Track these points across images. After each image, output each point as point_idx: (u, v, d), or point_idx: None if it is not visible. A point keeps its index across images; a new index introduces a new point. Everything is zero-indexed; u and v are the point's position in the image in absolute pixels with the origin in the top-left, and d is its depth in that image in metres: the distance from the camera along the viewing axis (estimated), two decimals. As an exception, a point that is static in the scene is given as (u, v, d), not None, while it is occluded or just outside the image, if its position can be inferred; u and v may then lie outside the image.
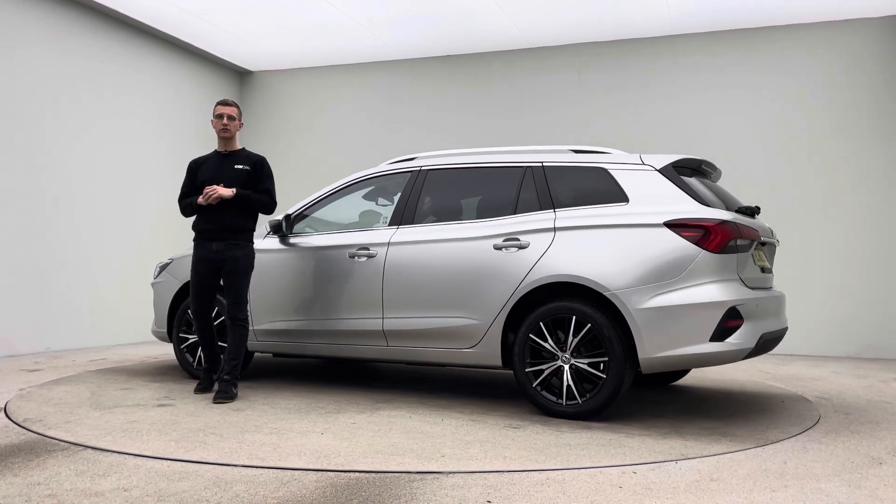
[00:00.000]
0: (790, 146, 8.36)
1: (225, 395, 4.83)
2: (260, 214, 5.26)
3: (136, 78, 8.72)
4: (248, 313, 5.23)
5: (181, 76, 9.50)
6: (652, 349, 4.17)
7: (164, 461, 3.36)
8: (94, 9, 8.10)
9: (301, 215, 5.70)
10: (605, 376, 4.26)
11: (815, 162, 8.27)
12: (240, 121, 5.20)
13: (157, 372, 6.12)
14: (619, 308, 4.24)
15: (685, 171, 4.68)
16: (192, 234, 5.19)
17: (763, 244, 4.70)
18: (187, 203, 5.15)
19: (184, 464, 3.31)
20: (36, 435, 3.86)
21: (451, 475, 3.17)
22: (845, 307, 8.07)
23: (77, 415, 4.35)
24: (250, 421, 4.25)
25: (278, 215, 5.70)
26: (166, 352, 7.64)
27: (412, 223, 5.14)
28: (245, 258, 5.08)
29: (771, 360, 7.45)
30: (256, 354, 6.33)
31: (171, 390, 5.23)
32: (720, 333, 4.10)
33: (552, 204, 4.71)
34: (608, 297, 4.26)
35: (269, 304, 5.57)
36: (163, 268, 6.24)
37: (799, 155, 8.33)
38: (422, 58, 9.75)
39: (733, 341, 4.12)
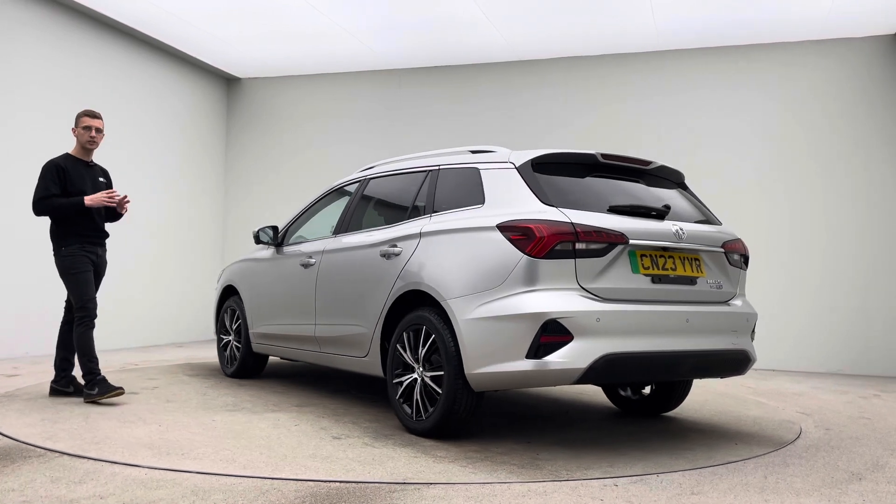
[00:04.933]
0: (774, 164, 8.43)
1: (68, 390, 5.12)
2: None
3: (118, 82, 8.64)
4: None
5: (166, 81, 9.45)
6: (475, 364, 3.79)
7: (141, 469, 3.31)
8: (75, 9, 8.00)
9: (289, 227, 5.98)
10: (441, 392, 3.95)
11: (796, 179, 8.35)
12: (103, 132, 5.24)
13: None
14: (450, 318, 3.94)
15: (566, 169, 4.21)
16: (54, 236, 5.13)
17: (665, 249, 4.02)
18: (65, 204, 4.97)
19: (162, 472, 3.28)
20: (11, 440, 3.80)
21: (432, 486, 3.16)
22: (827, 324, 8.13)
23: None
24: (131, 411, 4.68)
25: (255, 228, 6.17)
26: (145, 358, 7.57)
27: (347, 231, 5.21)
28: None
29: (753, 376, 7.48)
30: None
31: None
32: (536, 350, 3.62)
33: (433, 208, 4.49)
34: (444, 306, 3.99)
35: (258, 310, 6.02)
36: (220, 275, 6.91)
37: (782, 173, 8.40)
38: (410, 68, 9.78)
39: (554, 360, 3.59)
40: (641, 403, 5.10)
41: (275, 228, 5.96)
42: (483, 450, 3.84)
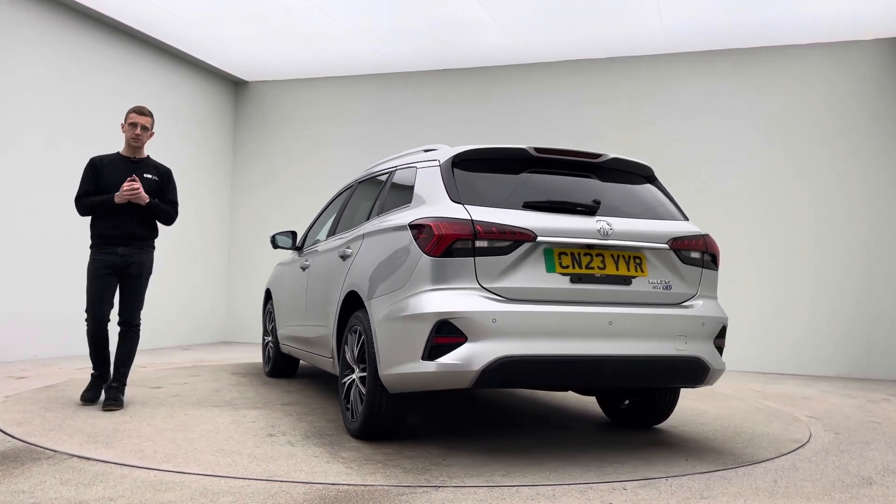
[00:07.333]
0: (781, 165, 8.41)
1: (114, 403, 4.77)
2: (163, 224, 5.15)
3: (125, 85, 8.66)
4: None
5: (175, 84, 9.48)
6: (386, 365, 3.73)
7: (151, 471, 3.32)
8: (79, 10, 8.01)
9: (308, 232, 6.18)
10: (365, 393, 3.91)
11: (801, 180, 8.33)
12: (151, 130, 5.07)
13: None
14: (370, 318, 3.90)
15: (496, 165, 4.04)
16: (86, 237, 5.02)
17: (590, 247, 3.74)
18: (96, 202, 4.87)
19: (171, 474, 3.28)
20: (21, 443, 3.81)
21: (441, 489, 3.15)
22: (834, 327, 8.10)
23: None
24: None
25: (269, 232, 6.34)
26: (151, 361, 7.59)
27: (335, 234, 5.29)
28: (150, 263, 5.06)
29: (761, 379, 7.46)
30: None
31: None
32: (430, 351, 3.52)
33: (382, 209, 4.46)
34: (366, 306, 3.96)
35: (280, 312, 6.28)
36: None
37: (789, 174, 8.38)
38: (418, 71, 9.80)
39: (447, 361, 3.47)
40: (635, 413, 4.69)
41: (293, 234, 6.14)
42: (395, 453, 3.76)
